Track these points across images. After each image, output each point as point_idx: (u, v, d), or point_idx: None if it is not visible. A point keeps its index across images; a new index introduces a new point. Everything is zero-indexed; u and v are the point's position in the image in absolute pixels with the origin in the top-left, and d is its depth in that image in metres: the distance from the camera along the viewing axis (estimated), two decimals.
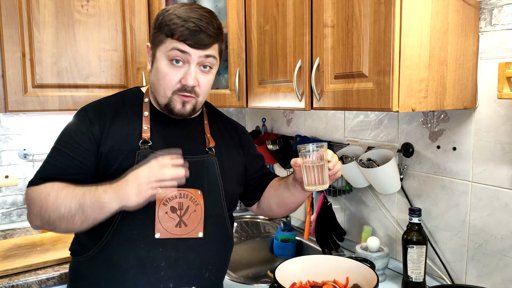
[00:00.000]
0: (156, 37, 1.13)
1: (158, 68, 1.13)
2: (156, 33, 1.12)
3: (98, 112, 1.17)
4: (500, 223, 1.26)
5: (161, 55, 1.12)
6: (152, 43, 1.15)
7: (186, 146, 1.17)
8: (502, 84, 1.05)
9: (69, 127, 1.17)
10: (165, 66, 1.11)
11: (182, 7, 1.11)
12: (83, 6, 1.72)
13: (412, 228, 1.37)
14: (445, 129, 1.39)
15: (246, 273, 1.90)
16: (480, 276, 1.32)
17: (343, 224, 1.85)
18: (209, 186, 1.20)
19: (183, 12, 1.09)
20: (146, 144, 1.14)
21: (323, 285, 1.28)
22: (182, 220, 1.13)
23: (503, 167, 1.24)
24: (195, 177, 1.16)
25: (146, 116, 1.19)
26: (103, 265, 1.13)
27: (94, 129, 1.13)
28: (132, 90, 1.28)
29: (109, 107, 1.19)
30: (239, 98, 1.77)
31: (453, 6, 1.17)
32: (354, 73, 1.19)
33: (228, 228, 1.26)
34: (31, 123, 2.04)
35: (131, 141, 1.14)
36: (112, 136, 1.14)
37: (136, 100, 1.23)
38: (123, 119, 1.17)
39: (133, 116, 1.19)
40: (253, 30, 1.68)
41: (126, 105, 1.21)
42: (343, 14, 1.22)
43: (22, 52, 1.63)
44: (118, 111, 1.19)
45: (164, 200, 1.12)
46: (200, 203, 1.16)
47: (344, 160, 1.61)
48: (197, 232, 1.15)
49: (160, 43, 1.11)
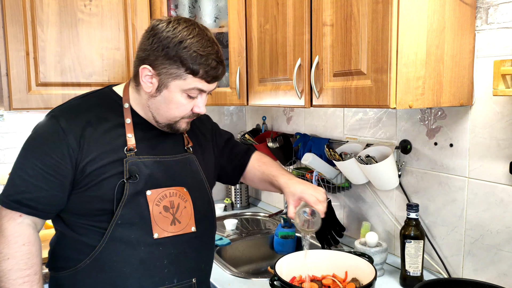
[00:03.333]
0: (168, 68, 1.06)
1: (172, 99, 1.10)
2: (169, 64, 1.06)
3: (71, 119, 1.10)
4: (495, 218, 1.28)
5: (177, 88, 1.09)
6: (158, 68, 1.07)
7: (167, 148, 1.20)
8: (497, 81, 1.08)
9: (39, 135, 1.11)
10: (180, 98, 1.10)
11: (195, 38, 1.06)
12: (86, 6, 1.75)
13: (410, 223, 1.39)
14: (442, 126, 1.42)
15: (247, 269, 1.92)
16: (477, 270, 1.35)
17: (342, 220, 1.88)
18: (194, 182, 1.23)
19: (201, 47, 1.06)
20: (132, 151, 1.12)
21: (323, 279, 1.31)
22: (175, 218, 1.16)
23: (498, 163, 1.26)
24: (179, 176, 1.19)
25: (129, 123, 1.14)
26: (100, 274, 1.10)
27: (69, 139, 1.07)
28: (106, 92, 1.20)
29: (83, 111, 1.13)
30: (240, 96, 1.79)
31: (449, 5, 1.19)
32: (353, 71, 1.22)
33: (215, 217, 1.32)
34: (34, 121, 2.06)
35: (116, 150, 1.11)
36: (94, 145, 1.09)
37: (114, 104, 1.17)
38: (103, 126, 1.11)
39: (114, 122, 1.13)
40: (254, 29, 1.71)
41: (103, 109, 1.15)
42: (342, 13, 1.24)
43: (26, 50, 1.65)
44: (95, 116, 1.12)
45: (155, 201, 1.13)
46: (188, 200, 1.19)
47: (343, 157, 1.64)
48: (190, 227, 1.18)
49: (178, 77, 1.07)
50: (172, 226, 1.15)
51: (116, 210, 1.09)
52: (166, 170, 1.17)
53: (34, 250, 1.08)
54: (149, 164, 1.14)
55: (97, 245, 1.09)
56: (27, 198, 1.06)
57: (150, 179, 1.13)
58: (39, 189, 1.06)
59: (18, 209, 1.06)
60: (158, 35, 1.06)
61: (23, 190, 1.06)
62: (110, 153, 1.10)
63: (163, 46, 1.05)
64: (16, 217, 1.07)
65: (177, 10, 1.91)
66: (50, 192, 1.07)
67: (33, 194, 1.06)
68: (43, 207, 1.08)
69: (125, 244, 1.10)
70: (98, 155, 1.09)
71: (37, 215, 1.09)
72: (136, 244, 1.11)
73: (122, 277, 1.11)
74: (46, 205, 1.08)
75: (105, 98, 1.18)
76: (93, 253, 1.10)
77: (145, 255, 1.12)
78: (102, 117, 1.13)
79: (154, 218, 1.12)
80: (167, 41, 1.05)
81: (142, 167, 1.12)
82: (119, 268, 1.10)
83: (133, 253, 1.11)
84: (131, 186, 1.10)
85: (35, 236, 1.10)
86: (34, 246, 1.08)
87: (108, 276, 1.11)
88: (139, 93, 1.15)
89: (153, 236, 1.12)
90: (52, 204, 1.09)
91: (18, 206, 1.06)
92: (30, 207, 1.07)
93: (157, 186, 1.14)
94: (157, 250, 1.13)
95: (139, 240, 1.11)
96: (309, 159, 1.75)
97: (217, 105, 1.89)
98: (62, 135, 1.07)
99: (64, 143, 1.07)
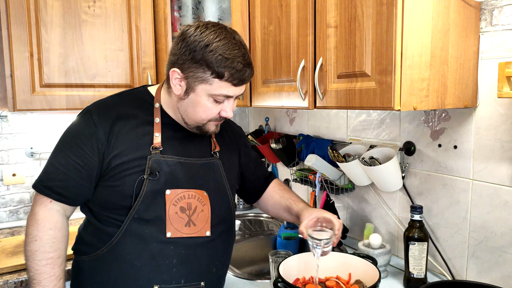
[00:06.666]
0: (195, 71, 1.09)
1: (199, 102, 1.12)
2: (196, 68, 1.08)
3: (103, 114, 1.15)
4: (500, 220, 1.28)
5: (203, 92, 1.11)
6: (186, 72, 1.10)
7: (193, 150, 1.21)
8: (502, 83, 1.07)
9: (73, 128, 1.17)
10: (207, 101, 1.12)
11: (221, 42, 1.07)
12: (90, 7, 1.75)
13: (414, 225, 1.39)
14: (446, 127, 1.41)
15: (250, 270, 1.92)
16: (481, 272, 1.34)
17: (345, 222, 1.88)
18: (216, 187, 1.24)
19: (227, 50, 1.07)
20: (157, 150, 1.15)
21: (326, 280, 1.31)
22: (191, 220, 1.17)
23: (503, 165, 1.26)
24: (202, 179, 1.20)
25: (158, 122, 1.18)
26: (114, 263, 1.15)
27: (99, 133, 1.12)
28: (139, 91, 1.25)
29: (115, 107, 1.18)
30: (243, 98, 1.79)
31: (454, 7, 1.19)
32: (357, 72, 1.22)
33: (233, 225, 1.31)
34: (38, 122, 2.07)
35: (141, 147, 1.14)
36: (121, 141, 1.13)
37: (145, 103, 1.21)
38: (131, 123, 1.16)
39: (143, 120, 1.17)
40: (257, 31, 1.71)
41: (134, 107, 1.19)
42: (346, 15, 1.24)
43: (30, 52, 1.66)
44: (126, 112, 1.17)
45: (173, 200, 1.15)
46: (207, 204, 1.19)
47: (347, 159, 1.63)
48: (205, 231, 1.19)
49: (204, 81, 1.09)
50: (186, 227, 1.16)
51: (133, 205, 1.12)
52: (188, 171, 1.18)
53: (60, 235, 1.15)
54: (172, 163, 1.16)
55: (114, 236, 1.14)
56: (57, 185, 1.13)
57: (171, 178, 1.15)
58: (68, 178, 1.12)
59: (48, 195, 1.13)
60: (186, 40, 1.09)
61: (54, 177, 1.13)
62: (136, 149, 1.14)
63: (190, 50, 1.08)
64: (47, 202, 1.14)
65: (181, 11, 1.92)
66: (78, 181, 1.13)
67: (62, 182, 1.13)
68: (71, 195, 1.14)
69: (138, 239, 1.13)
70: (124, 150, 1.13)
71: (65, 202, 1.15)
72: (149, 239, 1.14)
73: (133, 270, 1.14)
74: (74, 194, 1.14)
75: (138, 96, 1.23)
76: (109, 243, 1.15)
77: (156, 252, 1.14)
78: (131, 114, 1.17)
79: (169, 218, 1.14)
80: (194, 45, 1.08)
81: (164, 166, 1.14)
82: (130, 261, 1.14)
83: (145, 248, 1.14)
84: (150, 183, 1.12)
85: (62, 222, 1.16)
86: (60, 231, 1.15)
87: (121, 266, 1.15)
88: (170, 95, 1.18)
89: (166, 234, 1.14)
90: (80, 193, 1.15)
91: (49, 192, 1.13)
92: (59, 194, 1.13)
93: (177, 186, 1.16)
94: (168, 249, 1.15)
95: (152, 237, 1.14)
96: (312, 160, 1.75)
97: None
98: (93, 128, 1.13)
99: (94, 136, 1.12)
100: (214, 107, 1.13)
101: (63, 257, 1.16)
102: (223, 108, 1.15)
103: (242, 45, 1.11)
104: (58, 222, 1.14)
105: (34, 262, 1.11)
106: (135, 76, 1.86)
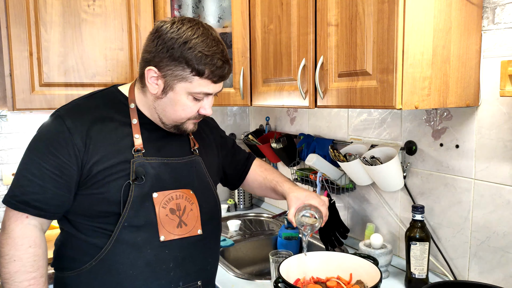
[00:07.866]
0: (173, 69, 1.05)
1: (178, 101, 1.09)
2: (174, 65, 1.05)
3: (77, 118, 1.08)
4: (502, 220, 1.27)
5: (183, 91, 1.07)
6: (163, 70, 1.06)
7: (173, 150, 1.19)
8: (504, 82, 1.06)
9: (44, 135, 1.09)
10: (186, 100, 1.09)
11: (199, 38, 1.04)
12: (90, 6, 1.74)
13: (415, 225, 1.38)
14: (448, 127, 1.40)
15: (250, 270, 1.92)
16: (483, 273, 1.33)
17: (346, 222, 1.87)
18: (201, 185, 1.22)
19: (206, 47, 1.04)
20: (139, 152, 1.11)
21: (327, 281, 1.30)
22: (182, 220, 1.15)
23: (505, 165, 1.25)
24: (186, 178, 1.19)
25: (136, 123, 1.13)
26: (106, 275, 1.10)
27: (75, 139, 1.05)
28: (111, 91, 1.19)
29: (89, 110, 1.11)
30: (243, 97, 1.79)
31: (456, 5, 1.18)
32: (358, 71, 1.21)
33: (220, 219, 1.33)
34: (37, 121, 2.06)
35: (122, 151, 1.10)
36: (100, 145, 1.07)
37: (120, 104, 1.16)
38: (108, 126, 1.10)
39: (120, 122, 1.12)
40: (258, 29, 1.70)
41: (109, 108, 1.13)
42: (347, 13, 1.23)
43: (29, 51, 1.65)
44: (101, 115, 1.11)
45: (162, 203, 1.12)
46: (195, 202, 1.18)
47: (348, 158, 1.62)
48: (197, 230, 1.18)
49: (183, 79, 1.06)
50: (178, 228, 1.14)
51: (123, 212, 1.08)
52: (172, 172, 1.16)
53: (41, 252, 1.08)
54: (156, 165, 1.13)
55: (103, 247, 1.09)
56: (34, 199, 1.05)
57: (157, 181, 1.12)
58: (45, 190, 1.05)
59: (25, 210, 1.05)
60: (162, 37, 1.05)
61: (30, 191, 1.04)
62: (117, 153, 1.09)
63: (167, 48, 1.04)
64: (23, 218, 1.06)
65: (181, 10, 1.91)
66: (57, 192, 1.06)
67: (40, 195, 1.05)
68: (50, 208, 1.07)
69: (131, 247, 1.09)
70: (105, 156, 1.07)
71: (44, 216, 1.08)
72: (142, 246, 1.10)
73: (128, 280, 1.10)
74: (53, 206, 1.07)
75: (111, 97, 1.17)
76: (98, 255, 1.09)
77: (152, 258, 1.11)
78: (107, 116, 1.11)
79: (160, 221, 1.11)
80: (172, 42, 1.04)
81: (149, 169, 1.11)
82: (125, 271, 1.10)
83: (139, 255, 1.10)
84: (137, 188, 1.09)
85: (41, 238, 1.09)
86: (40, 248, 1.08)
87: (114, 278, 1.10)
88: (144, 94, 1.14)
89: (160, 238, 1.11)
90: (59, 205, 1.08)
91: (25, 207, 1.05)
92: (37, 208, 1.05)
93: (163, 188, 1.13)
94: (163, 253, 1.12)
95: (146, 243, 1.10)
96: (313, 160, 1.74)
97: (220, 106, 1.89)
98: (67, 135, 1.05)
99: (70, 143, 1.05)
100: (194, 105, 1.11)
101: (45, 276, 1.09)
102: (202, 106, 1.12)
103: (220, 41, 1.09)
104: (37, 238, 1.07)
105: (15, 285, 1.03)
106: (135, 75, 1.85)
